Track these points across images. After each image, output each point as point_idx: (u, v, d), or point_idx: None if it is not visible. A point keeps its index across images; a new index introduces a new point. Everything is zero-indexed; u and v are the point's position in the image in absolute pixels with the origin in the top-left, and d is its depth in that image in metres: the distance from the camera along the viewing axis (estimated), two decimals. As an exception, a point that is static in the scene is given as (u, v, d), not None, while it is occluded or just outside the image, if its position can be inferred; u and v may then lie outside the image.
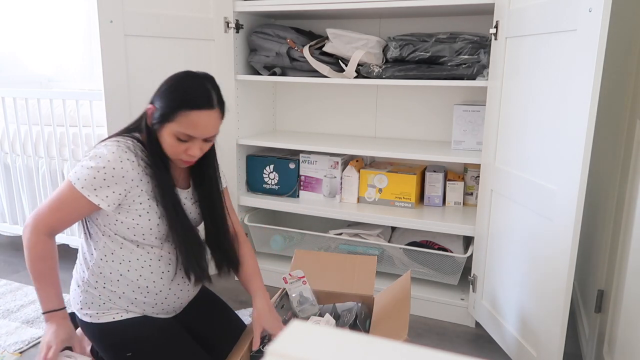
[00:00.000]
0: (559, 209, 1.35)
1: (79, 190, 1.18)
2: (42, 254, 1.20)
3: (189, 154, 1.22)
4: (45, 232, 1.20)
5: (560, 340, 1.37)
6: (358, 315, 1.49)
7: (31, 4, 3.17)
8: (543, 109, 1.42)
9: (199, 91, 1.21)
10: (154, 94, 1.25)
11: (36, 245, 1.19)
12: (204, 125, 1.20)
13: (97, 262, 1.26)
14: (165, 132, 1.21)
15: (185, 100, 1.19)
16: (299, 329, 0.42)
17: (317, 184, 2.22)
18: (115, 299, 1.27)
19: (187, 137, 1.20)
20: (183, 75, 1.24)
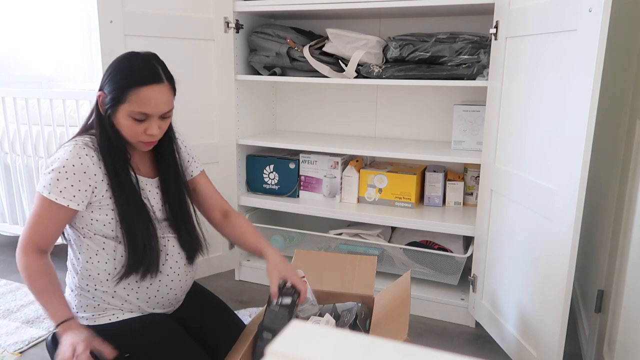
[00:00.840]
0: (559, 209, 1.35)
1: (47, 197, 1.17)
2: (36, 273, 1.19)
3: (148, 133, 1.21)
4: (32, 250, 1.19)
5: (560, 340, 1.37)
6: (358, 315, 1.49)
7: (31, 4, 3.17)
8: (543, 109, 1.42)
9: (145, 67, 1.20)
10: (102, 80, 1.23)
11: (29, 266, 1.19)
12: (156, 101, 1.19)
13: (83, 265, 1.26)
14: (120, 115, 1.19)
15: (133, 79, 1.18)
16: (299, 329, 0.42)
17: (317, 184, 2.22)
18: (109, 299, 1.27)
19: (143, 115, 1.19)
20: (127, 55, 1.23)
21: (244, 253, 2.36)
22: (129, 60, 1.22)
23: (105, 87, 1.21)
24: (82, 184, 1.18)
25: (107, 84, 1.21)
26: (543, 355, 1.44)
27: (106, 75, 1.22)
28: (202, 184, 1.47)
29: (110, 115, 1.21)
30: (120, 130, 1.22)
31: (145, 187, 1.30)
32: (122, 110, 1.19)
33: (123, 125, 1.21)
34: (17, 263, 1.20)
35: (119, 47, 1.81)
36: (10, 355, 1.70)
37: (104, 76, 1.22)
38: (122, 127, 1.21)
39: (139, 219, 1.25)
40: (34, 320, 1.92)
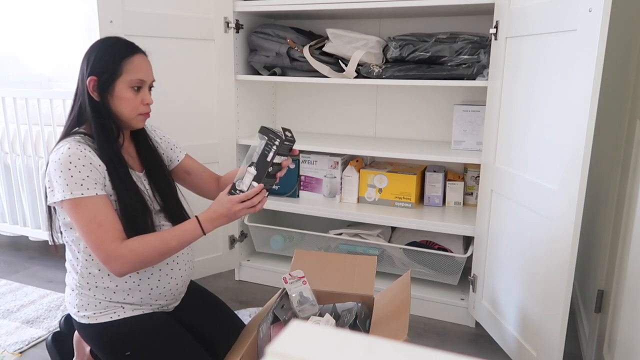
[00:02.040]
0: (559, 209, 1.35)
1: (77, 198, 1.15)
2: (142, 248, 1.18)
3: (145, 103, 1.28)
4: (118, 243, 1.17)
5: (560, 340, 1.37)
6: (358, 315, 1.49)
7: (31, 4, 3.17)
8: (543, 108, 1.42)
9: (125, 42, 1.29)
10: (84, 70, 1.26)
11: (134, 253, 1.16)
12: (147, 67, 1.30)
13: (83, 264, 1.26)
14: (119, 89, 1.24)
15: (122, 51, 1.26)
16: (299, 329, 0.42)
17: (317, 184, 2.22)
18: (110, 295, 1.27)
19: (140, 82, 1.27)
20: (99, 40, 1.30)
21: (244, 253, 2.36)
22: (105, 42, 1.28)
23: (94, 72, 1.24)
24: (94, 173, 1.19)
25: (95, 67, 1.24)
26: (543, 355, 1.44)
27: (90, 61, 1.25)
28: (191, 164, 1.54)
29: (107, 96, 1.24)
30: (119, 109, 1.26)
31: (137, 181, 1.31)
32: (120, 84, 1.24)
33: (123, 98, 1.25)
34: (121, 268, 1.16)
35: (119, 47, 1.81)
36: (10, 355, 1.70)
37: (88, 64, 1.25)
38: (122, 101, 1.25)
39: (139, 210, 1.26)
40: (34, 320, 1.92)
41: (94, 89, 1.24)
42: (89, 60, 1.26)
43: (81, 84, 1.27)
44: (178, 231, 1.22)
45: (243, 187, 1.27)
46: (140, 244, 1.17)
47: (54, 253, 1.32)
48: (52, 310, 1.99)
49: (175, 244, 1.21)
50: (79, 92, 1.28)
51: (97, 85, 1.24)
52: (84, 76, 1.25)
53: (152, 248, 1.18)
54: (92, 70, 1.24)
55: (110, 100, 1.25)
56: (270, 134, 1.26)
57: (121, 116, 1.27)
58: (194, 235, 1.22)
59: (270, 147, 1.26)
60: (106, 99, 1.24)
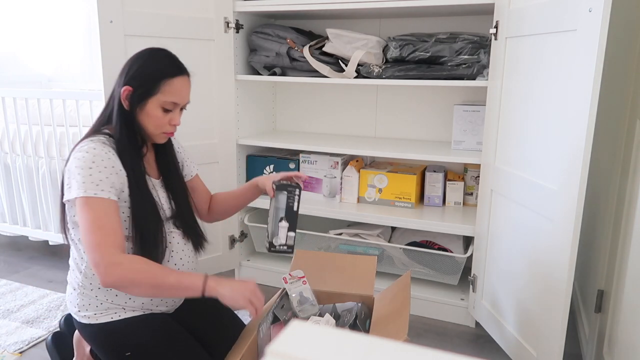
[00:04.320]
0: (559, 209, 1.35)
1: (89, 197, 1.14)
2: (142, 267, 1.11)
3: (172, 124, 1.28)
4: (115, 253, 1.12)
5: (560, 340, 1.37)
6: (358, 315, 1.49)
7: (31, 4, 3.17)
8: (543, 108, 1.42)
9: (172, 61, 1.28)
10: (123, 76, 1.25)
11: (130, 267, 1.10)
12: (184, 91, 1.28)
13: (88, 264, 1.26)
14: (150, 107, 1.24)
15: (165, 71, 1.24)
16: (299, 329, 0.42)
17: (317, 184, 2.22)
18: (112, 297, 1.27)
19: (173, 105, 1.26)
20: (147, 51, 1.28)
21: (243, 253, 2.36)
22: (152, 55, 1.27)
23: (131, 82, 1.24)
24: (112, 178, 1.18)
25: (134, 78, 1.24)
26: (543, 355, 1.44)
27: (130, 71, 1.25)
28: (198, 183, 1.55)
29: (137, 109, 1.24)
30: (145, 123, 1.26)
31: (152, 189, 1.31)
32: (153, 102, 1.24)
33: (152, 116, 1.25)
34: (115, 278, 1.09)
35: (119, 47, 1.81)
36: (10, 355, 1.70)
37: (128, 72, 1.25)
38: (151, 118, 1.25)
39: (151, 217, 1.26)
40: (34, 320, 1.92)
41: (126, 98, 1.24)
42: (130, 69, 1.25)
43: (117, 88, 1.26)
44: (181, 273, 1.16)
45: (282, 241, 1.41)
46: (139, 262, 1.12)
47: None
48: (52, 310, 1.99)
49: (173, 281, 1.12)
50: (113, 96, 1.28)
51: (130, 96, 1.24)
52: (121, 82, 1.25)
53: (148, 272, 1.11)
54: (129, 80, 1.24)
55: (139, 114, 1.25)
56: (289, 187, 1.42)
57: (145, 130, 1.28)
58: (193, 283, 1.13)
59: (293, 197, 1.43)
60: (135, 111, 1.25)
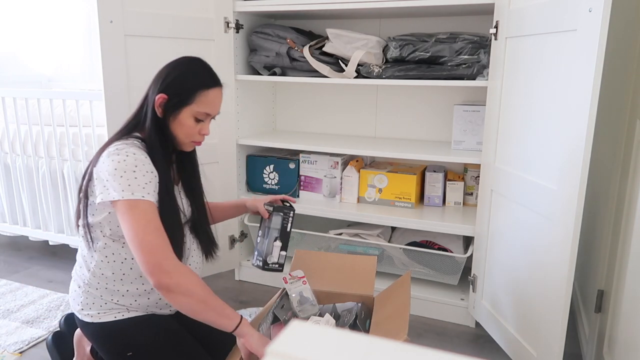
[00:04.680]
0: (559, 209, 1.35)
1: (138, 199, 1.13)
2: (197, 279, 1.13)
3: (202, 133, 1.31)
4: (175, 259, 1.13)
5: (560, 340, 1.37)
6: (358, 315, 1.49)
7: (31, 4, 3.17)
8: (543, 109, 1.42)
9: (208, 72, 1.30)
10: (159, 84, 1.26)
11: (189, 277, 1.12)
12: (218, 103, 1.31)
13: (98, 263, 1.26)
14: (184, 116, 1.26)
15: (201, 82, 1.27)
16: (299, 329, 0.42)
17: (317, 184, 2.22)
18: (119, 297, 1.27)
19: (205, 115, 1.29)
20: (184, 60, 1.30)
21: (243, 253, 2.36)
22: (190, 64, 1.29)
23: (167, 90, 1.24)
24: (152, 183, 1.18)
25: (170, 87, 1.25)
26: (543, 355, 1.44)
27: (167, 78, 1.26)
28: None
29: (169, 117, 1.25)
30: (176, 131, 1.27)
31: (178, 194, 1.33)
32: (186, 111, 1.26)
33: (184, 125, 1.27)
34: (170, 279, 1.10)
35: (119, 47, 1.81)
36: (10, 355, 1.70)
37: (164, 80, 1.26)
38: (183, 127, 1.27)
39: (176, 223, 1.27)
40: (34, 320, 1.92)
41: (160, 106, 1.25)
42: (166, 77, 1.26)
43: (151, 94, 1.27)
44: (224, 303, 1.17)
45: (275, 260, 1.48)
46: (195, 275, 1.14)
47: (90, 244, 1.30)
48: (52, 310, 1.99)
49: (218, 305, 1.15)
50: (147, 102, 1.28)
51: (164, 104, 1.25)
52: (156, 89, 1.26)
53: (203, 288, 1.14)
54: (165, 88, 1.25)
55: (171, 122, 1.26)
56: (284, 209, 1.50)
57: (175, 138, 1.29)
58: (232, 318, 1.16)
59: (288, 219, 1.51)
60: (168, 119, 1.26)
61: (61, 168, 2.35)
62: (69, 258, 2.54)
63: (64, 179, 2.36)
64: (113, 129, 1.86)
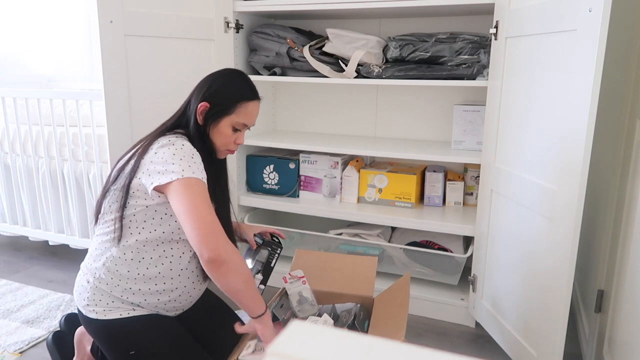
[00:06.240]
0: (559, 209, 1.35)
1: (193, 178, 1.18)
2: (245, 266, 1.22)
3: (237, 142, 1.37)
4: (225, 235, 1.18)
5: (560, 340, 1.37)
6: (357, 316, 1.49)
7: (31, 4, 3.17)
8: (543, 108, 1.42)
9: (249, 85, 1.36)
10: (202, 92, 1.32)
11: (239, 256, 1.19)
12: (256, 114, 1.38)
13: (114, 259, 1.26)
14: (223, 125, 1.32)
15: (243, 94, 1.33)
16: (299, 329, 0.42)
17: (317, 184, 2.22)
18: (129, 295, 1.27)
19: (243, 126, 1.35)
20: (229, 71, 1.37)
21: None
22: (234, 76, 1.36)
23: (210, 99, 1.30)
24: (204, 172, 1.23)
25: (215, 96, 1.31)
26: (543, 355, 1.44)
27: (211, 88, 1.32)
28: None
29: (209, 125, 1.31)
30: (214, 138, 1.33)
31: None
32: (227, 121, 1.32)
33: (222, 133, 1.33)
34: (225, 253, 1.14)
35: (119, 47, 1.81)
36: (10, 355, 1.70)
37: (208, 88, 1.32)
38: (220, 135, 1.33)
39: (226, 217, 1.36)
40: (34, 320, 1.92)
41: (202, 113, 1.31)
42: (210, 86, 1.32)
43: (194, 101, 1.32)
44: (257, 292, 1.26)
45: None
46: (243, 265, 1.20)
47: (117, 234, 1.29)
48: (52, 310, 1.99)
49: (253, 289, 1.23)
50: (189, 108, 1.33)
51: (206, 112, 1.31)
52: (199, 97, 1.31)
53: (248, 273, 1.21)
54: (208, 97, 1.31)
55: (211, 129, 1.32)
56: (272, 245, 1.54)
57: (213, 145, 1.34)
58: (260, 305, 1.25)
59: (274, 256, 1.55)
60: (208, 126, 1.32)
61: (61, 168, 2.35)
62: (69, 258, 2.54)
63: (64, 179, 2.36)
64: (113, 128, 1.86)
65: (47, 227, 2.49)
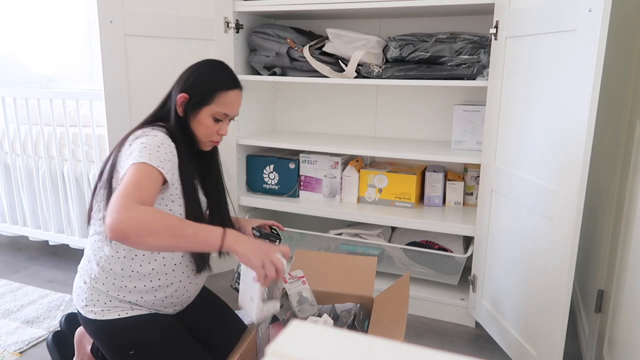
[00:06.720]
0: (559, 209, 1.35)
1: (144, 162, 1.13)
2: (158, 214, 1.04)
3: (220, 133, 1.34)
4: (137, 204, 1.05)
5: (560, 340, 1.37)
6: (356, 316, 1.49)
7: (31, 4, 3.17)
8: (543, 108, 1.42)
9: (229, 74, 1.34)
10: (181, 84, 1.31)
11: (147, 214, 1.02)
12: (237, 104, 1.35)
13: (107, 258, 1.26)
14: (203, 115, 1.30)
15: (222, 83, 1.31)
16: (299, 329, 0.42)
17: (317, 184, 2.22)
18: (125, 293, 1.27)
19: (224, 116, 1.33)
20: (209, 62, 1.35)
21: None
22: (212, 66, 1.34)
23: (189, 90, 1.29)
24: (170, 164, 1.20)
25: (193, 87, 1.30)
26: (543, 355, 1.44)
27: (190, 79, 1.31)
28: None
29: (190, 116, 1.30)
30: (195, 130, 1.31)
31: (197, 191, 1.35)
32: (207, 111, 1.30)
33: (203, 124, 1.31)
34: (124, 222, 1.00)
35: (119, 47, 1.81)
36: (10, 355, 1.70)
37: (187, 80, 1.31)
38: (201, 126, 1.31)
39: (200, 215, 1.30)
40: (34, 320, 1.92)
41: (181, 105, 1.30)
42: (189, 77, 1.32)
43: (174, 94, 1.32)
44: (200, 225, 1.09)
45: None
46: (156, 211, 1.05)
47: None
48: (52, 310, 1.99)
49: (192, 232, 1.06)
50: (170, 99, 1.33)
51: (185, 103, 1.30)
52: (178, 89, 1.31)
53: (166, 221, 1.04)
54: (187, 88, 1.30)
55: (191, 120, 1.31)
56: (271, 237, 1.50)
57: (195, 136, 1.33)
58: (213, 237, 1.08)
59: None
60: (188, 117, 1.31)
61: (61, 168, 2.35)
62: (69, 258, 2.54)
63: (64, 179, 2.36)
64: (113, 128, 1.86)
65: (47, 227, 2.49)
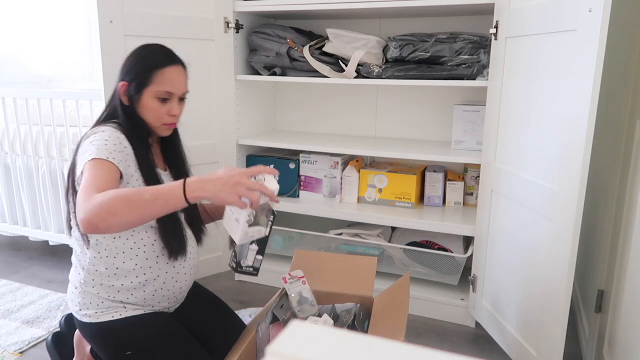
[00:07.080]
0: (559, 209, 1.35)
1: (98, 157, 1.13)
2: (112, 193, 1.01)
3: (171, 114, 1.30)
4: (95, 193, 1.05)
5: (560, 340, 1.37)
6: (357, 316, 1.49)
7: (31, 4, 3.17)
8: (543, 108, 1.42)
9: (163, 51, 1.32)
10: (119, 73, 1.30)
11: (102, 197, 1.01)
12: (178, 80, 1.30)
13: (91, 260, 1.26)
14: (145, 98, 1.27)
15: (155, 61, 1.29)
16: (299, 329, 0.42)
17: (317, 184, 2.21)
18: (114, 293, 1.27)
19: (168, 94, 1.28)
20: (141, 46, 1.33)
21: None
22: (145, 49, 1.32)
23: (126, 76, 1.28)
24: (121, 155, 1.19)
25: (129, 73, 1.28)
26: (543, 355, 1.44)
27: (125, 66, 1.30)
28: None
29: (135, 102, 1.28)
30: (144, 115, 1.29)
31: (161, 179, 1.33)
32: (147, 93, 1.27)
33: (149, 108, 1.28)
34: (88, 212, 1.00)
35: (119, 47, 1.81)
36: (10, 355, 1.70)
37: (123, 68, 1.30)
38: (148, 110, 1.28)
39: None
40: (34, 320, 1.92)
41: (124, 93, 1.29)
42: (124, 65, 1.31)
43: (116, 85, 1.31)
44: (157, 187, 1.05)
45: (249, 263, 1.40)
46: (111, 191, 1.03)
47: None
48: (52, 310, 1.99)
49: (149, 196, 1.02)
50: (115, 93, 1.32)
51: (127, 91, 1.29)
52: (119, 79, 1.30)
53: (121, 196, 1.01)
54: (124, 75, 1.29)
55: (137, 106, 1.29)
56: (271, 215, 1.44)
57: (147, 123, 1.31)
58: (172, 192, 1.03)
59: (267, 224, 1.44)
60: (134, 105, 1.29)
61: (61, 168, 2.35)
62: (69, 258, 2.54)
63: (64, 179, 2.36)
64: (113, 129, 1.86)
65: (47, 227, 2.49)
